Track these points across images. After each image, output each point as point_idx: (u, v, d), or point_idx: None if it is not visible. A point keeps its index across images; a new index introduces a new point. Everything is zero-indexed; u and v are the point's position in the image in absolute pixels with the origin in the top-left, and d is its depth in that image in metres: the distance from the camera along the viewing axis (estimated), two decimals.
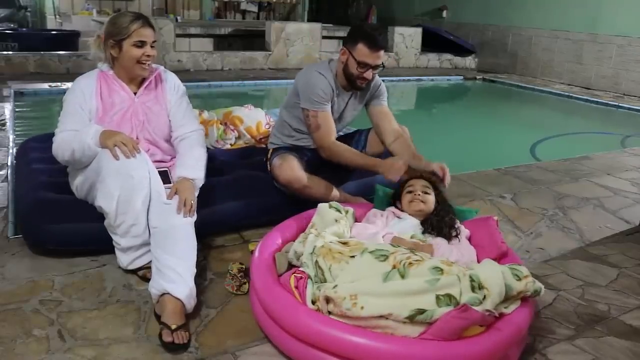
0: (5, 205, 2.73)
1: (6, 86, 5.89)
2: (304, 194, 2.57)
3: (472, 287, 1.62)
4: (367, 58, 2.49)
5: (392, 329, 1.60)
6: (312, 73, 2.59)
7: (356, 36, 2.52)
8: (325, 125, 2.56)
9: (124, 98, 2.28)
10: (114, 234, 2.12)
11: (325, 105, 2.57)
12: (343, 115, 2.73)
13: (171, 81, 2.43)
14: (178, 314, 1.83)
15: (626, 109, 7.30)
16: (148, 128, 2.31)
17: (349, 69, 2.55)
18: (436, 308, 1.58)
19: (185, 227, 2.07)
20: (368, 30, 2.53)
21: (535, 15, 9.28)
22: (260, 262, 1.93)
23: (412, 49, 9.85)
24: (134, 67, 2.24)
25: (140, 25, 2.20)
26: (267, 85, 7.68)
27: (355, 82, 2.57)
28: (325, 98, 2.56)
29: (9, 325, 1.81)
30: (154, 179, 2.11)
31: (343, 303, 1.62)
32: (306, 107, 2.57)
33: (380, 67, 2.56)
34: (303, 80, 2.60)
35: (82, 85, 2.25)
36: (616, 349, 1.89)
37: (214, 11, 11.75)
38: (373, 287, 1.65)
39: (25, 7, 9.91)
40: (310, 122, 2.58)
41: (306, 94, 2.56)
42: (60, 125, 2.22)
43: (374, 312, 1.59)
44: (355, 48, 2.49)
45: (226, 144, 3.39)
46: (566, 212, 3.17)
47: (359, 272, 1.71)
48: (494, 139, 5.79)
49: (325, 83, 2.56)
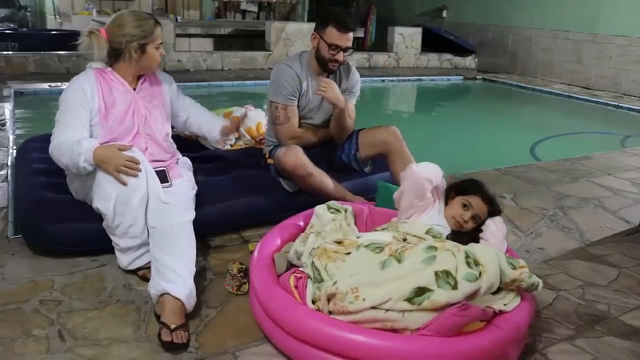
0: (5, 205, 2.73)
1: (6, 86, 5.89)
2: (306, 184, 2.59)
3: (468, 262, 1.62)
4: (337, 40, 2.57)
5: (392, 322, 1.59)
6: (280, 66, 2.71)
7: (326, 20, 2.60)
8: (293, 119, 2.67)
9: (125, 94, 2.26)
10: (113, 235, 2.12)
11: (290, 97, 2.65)
12: (321, 105, 2.77)
13: (165, 78, 2.48)
14: (177, 313, 1.82)
15: (626, 109, 7.30)
16: (150, 123, 2.31)
17: (320, 53, 2.63)
18: (436, 288, 1.58)
19: (183, 226, 2.07)
20: (336, 13, 2.62)
21: (535, 15, 9.28)
22: (260, 262, 1.93)
23: (412, 49, 9.85)
24: (154, 67, 2.31)
25: (160, 28, 2.26)
26: (267, 86, 7.65)
27: (327, 65, 2.65)
28: (291, 89, 2.64)
29: (9, 325, 1.81)
30: (151, 179, 2.10)
31: (345, 298, 1.62)
32: (274, 100, 2.66)
33: (350, 49, 2.63)
34: (272, 74, 2.72)
35: (83, 84, 2.20)
36: (616, 349, 1.89)
37: (214, 11, 11.76)
38: (372, 277, 1.65)
39: (25, 7, 9.90)
40: (278, 114, 2.66)
41: (274, 87, 2.67)
42: (58, 125, 2.16)
43: (376, 301, 1.60)
44: (325, 31, 2.58)
45: (226, 145, 3.39)
46: (566, 212, 3.17)
47: (357, 266, 1.72)
48: (494, 139, 5.79)
49: (290, 73, 2.66)
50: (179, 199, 2.15)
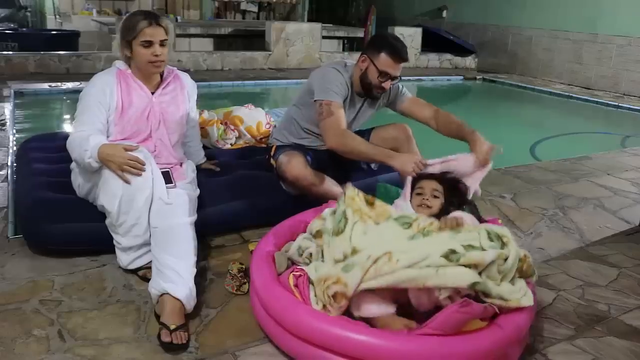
0: (5, 205, 2.73)
1: (6, 86, 5.88)
2: (310, 192, 2.57)
3: (490, 238, 1.70)
4: (389, 68, 2.48)
5: (424, 279, 1.60)
6: (330, 69, 2.59)
7: (380, 45, 2.50)
8: (337, 114, 2.48)
9: (142, 97, 2.27)
10: (115, 233, 2.12)
11: (340, 97, 2.53)
12: (353, 123, 2.71)
13: (188, 84, 2.46)
14: (177, 314, 1.82)
15: (626, 109, 7.30)
16: (163, 129, 2.31)
17: (368, 77, 2.53)
18: (465, 252, 1.64)
19: (185, 227, 2.07)
20: (392, 41, 2.52)
21: (535, 15, 9.27)
22: (260, 261, 1.93)
23: (412, 49, 9.83)
24: (146, 66, 2.23)
25: (146, 25, 2.18)
26: (267, 86, 7.68)
27: (372, 91, 2.57)
28: (341, 91, 2.53)
29: (9, 325, 1.81)
30: (157, 180, 2.11)
31: (379, 260, 1.63)
32: (320, 98, 2.51)
33: (398, 78, 2.56)
34: (319, 75, 2.59)
35: (104, 81, 2.22)
36: (616, 349, 1.89)
37: (214, 11, 11.75)
38: (402, 246, 1.69)
39: (25, 7, 9.90)
40: (322, 111, 2.49)
41: (322, 86, 2.52)
42: (76, 122, 2.20)
43: (409, 261, 1.62)
44: (378, 57, 2.48)
45: (226, 144, 3.39)
46: (566, 212, 3.17)
47: (385, 237, 1.76)
48: (494, 139, 5.73)
49: (341, 79, 2.55)
50: (181, 200, 2.16)
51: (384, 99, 2.75)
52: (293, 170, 2.53)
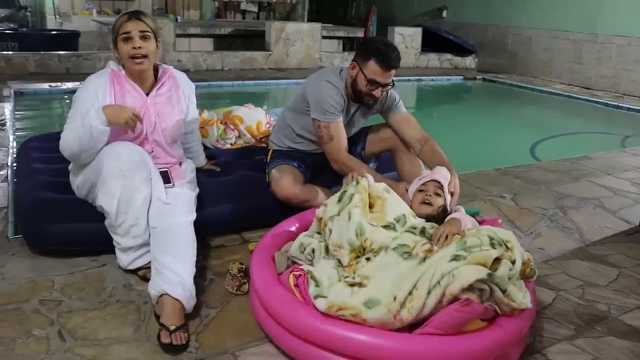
0: (5, 205, 2.73)
1: (6, 86, 5.88)
2: (304, 207, 2.50)
3: (492, 244, 1.70)
4: (377, 76, 2.40)
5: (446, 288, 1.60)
6: (323, 83, 2.49)
7: (368, 52, 2.41)
8: (338, 137, 2.47)
9: (137, 99, 2.24)
10: (115, 234, 2.12)
11: (337, 116, 2.48)
12: (348, 126, 2.66)
13: (184, 83, 2.42)
14: (177, 314, 1.82)
15: (626, 109, 7.30)
16: (159, 130, 2.29)
17: (357, 85, 2.46)
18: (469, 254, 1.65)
19: (184, 226, 2.07)
20: (381, 46, 2.40)
21: (535, 15, 9.27)
22: (260, 261, 1.93)
23: (412, 49, 9.84)
24: (128, 63, 2.18)
25: (125, 20, 2.16)
26: (267, 86, 7.68)
27: (363, 98, 2.50)
28: (338, 109, 2.48)
29: (9, 325, 1.81)
30: (155, 180, 2.11)
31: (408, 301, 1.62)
32: (317, 118, 2.47)
33: (389, 85, 2.48)
34: (314, 90, 2.50)
35: (96, 84, 2.20)
36: (616, 349, 1.89)
37: (214, 11, 11.75)
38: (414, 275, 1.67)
39: (25, 7, 9.90)
40: (322, 134, 2.48)
41: (318, 105, 2.46)
42: (68, 123, 2.17)
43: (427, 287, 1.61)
44: (367, 64, 2.40)
45: (226, 144, 3.39)
46: (566, 212, 3.17)
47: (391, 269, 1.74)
48: (494, 139, 5.79)
49: (336, 93, 2.48)
50: (180, 200, 2.15)
51: (379, 105, 2.67)
52: (282, 192, 2.51)
